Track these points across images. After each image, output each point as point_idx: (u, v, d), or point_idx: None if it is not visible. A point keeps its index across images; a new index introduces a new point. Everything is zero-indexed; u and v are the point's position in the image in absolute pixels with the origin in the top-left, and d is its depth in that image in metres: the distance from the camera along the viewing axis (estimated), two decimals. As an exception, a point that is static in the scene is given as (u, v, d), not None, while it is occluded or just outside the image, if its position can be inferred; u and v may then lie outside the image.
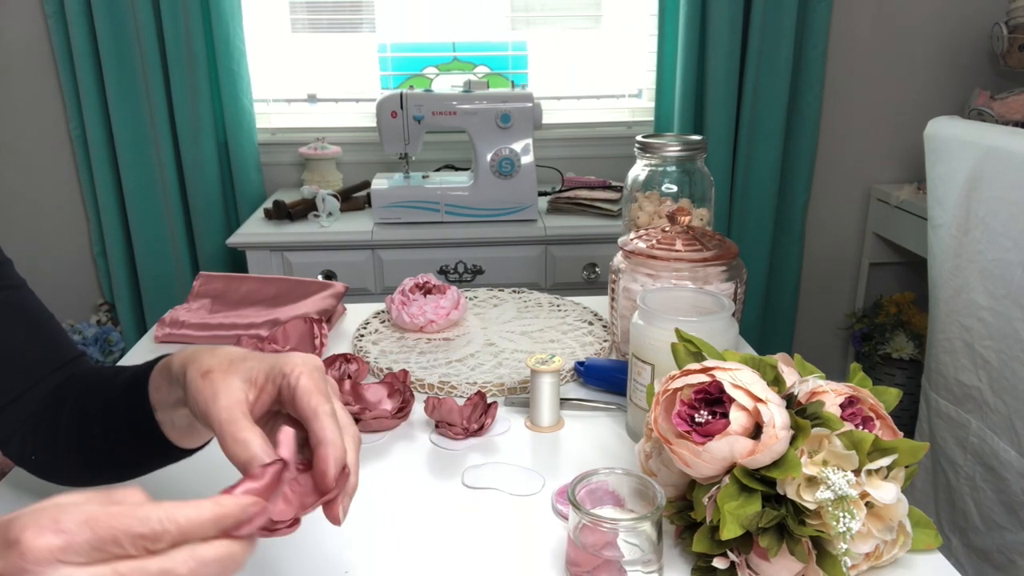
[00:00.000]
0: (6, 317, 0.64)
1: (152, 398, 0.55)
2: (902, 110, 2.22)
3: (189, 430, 0.56)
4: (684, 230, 0.90)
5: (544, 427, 0.83)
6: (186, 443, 0.58)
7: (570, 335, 1.07)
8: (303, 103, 2.23)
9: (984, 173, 1.22)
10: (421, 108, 1.77)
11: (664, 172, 1.06)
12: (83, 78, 1.96)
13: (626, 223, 1.11)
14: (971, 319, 1.27)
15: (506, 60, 2.21)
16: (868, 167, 2.27)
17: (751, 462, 0.55)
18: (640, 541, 0.56)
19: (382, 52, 2.17)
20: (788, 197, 2.19)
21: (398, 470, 0.76)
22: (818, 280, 2.37)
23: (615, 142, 2.21)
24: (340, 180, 2.12)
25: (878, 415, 0.61)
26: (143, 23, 1.91)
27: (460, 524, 0.67)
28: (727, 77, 2.03)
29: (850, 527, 0.52)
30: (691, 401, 0.59)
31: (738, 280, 0.88)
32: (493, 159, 1.80)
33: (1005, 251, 1.19)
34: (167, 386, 0.53)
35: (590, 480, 0.60)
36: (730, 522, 0.54)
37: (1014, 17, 1.95)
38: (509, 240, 1.79)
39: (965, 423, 1.32)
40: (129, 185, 2.05)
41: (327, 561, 0.62)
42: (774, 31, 2.01)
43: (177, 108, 2.00)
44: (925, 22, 2.16)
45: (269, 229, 1.82)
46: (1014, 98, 1.92)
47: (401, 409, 0.83)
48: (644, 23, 2.19)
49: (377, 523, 0.67)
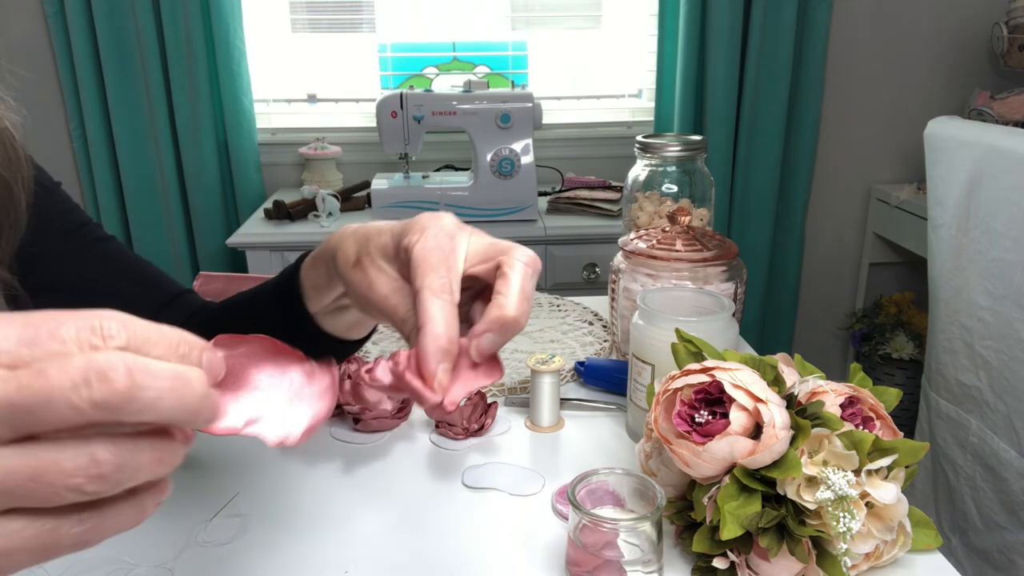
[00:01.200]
0: (102, 265, 0.66)
1: (309, 298, 0.54)
2: (902, 110, 2.22)
3: (358, 323, 0.55)
4: (684, 230, 0.90)
5: (544, 427, 0.83)
6: (356, 334, 0.57)
7: (570, 335, 1.07)
8: (303, 103, 2.23)
9: (984, 173, 1.22)
10: (421, 108, 1.77)
11: (664, 172, 1.06)
12: (83, 78, 1.96)
13: (626, 223, 1.11)
14: (971, 319, 1.27)
15: (506, 60, 2.21)
16: (868, 167, 2.27)
17: (751, 462, 0.55)
18: (640, 541, 0.56)
19: (382, 52, 2.17)
20: (788, 197, 2.19)
21: (398, 470, 0.76)
22: (818, 280, 2.37)
23: (615, 142, 2.21)
24: (340, 180, 2.12)
25: (878, 415, 0.61)
26: (143, 23, 1.91)
27: (460, 524, 0.67)
28: (727, 77, 2.03)
29: (850, 527, 0.52)
30: (691, 401, 0.59)
31: (738, 280, 0.88)
32: (493, 159, 1.80)
33: (1005, 251, 1.19)
34: (326, 284, 0.52)
35: (590, 480, 0.60)
36: (730, 522, 0.54)
37: (1014, 17, 1.95)
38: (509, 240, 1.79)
39: (965, 423, 1.32)
40: (129, 185, 2.05)
41: (327, 561, 0.62)
42: (774, 31, 2.01)
43: (177, 108, 2.00)
44: (925, 22, 2.16)
45: (269, 229, 1.82)
46: (1014, 98, 1.92)
47: (401, 409, 0.83)
48: (644, 23, 2.19)
49: (377, 523, 0.67)
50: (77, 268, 0.65)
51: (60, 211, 0.65)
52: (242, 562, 0.62)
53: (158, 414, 0.27)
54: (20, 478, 0.26)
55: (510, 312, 0.40)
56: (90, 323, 0.27)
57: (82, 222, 0.67)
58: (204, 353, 0.30)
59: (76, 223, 0.67)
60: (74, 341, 0.27)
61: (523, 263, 0.42)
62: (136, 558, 0.61)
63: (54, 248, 0.64)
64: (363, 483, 0.73)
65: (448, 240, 0.43)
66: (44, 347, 0.26)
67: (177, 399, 0.27)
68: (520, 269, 0.42)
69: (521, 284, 0.41)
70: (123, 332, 0.27)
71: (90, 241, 0.67)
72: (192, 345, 0.30)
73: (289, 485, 0.72)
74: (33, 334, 0.26)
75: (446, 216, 0.44)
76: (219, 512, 0.67)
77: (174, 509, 0.67)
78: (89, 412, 0.26)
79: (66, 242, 0.65)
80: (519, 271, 0.41)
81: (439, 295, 0.40)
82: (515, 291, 0.41)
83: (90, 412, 0.26)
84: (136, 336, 0.28)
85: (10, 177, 0.50)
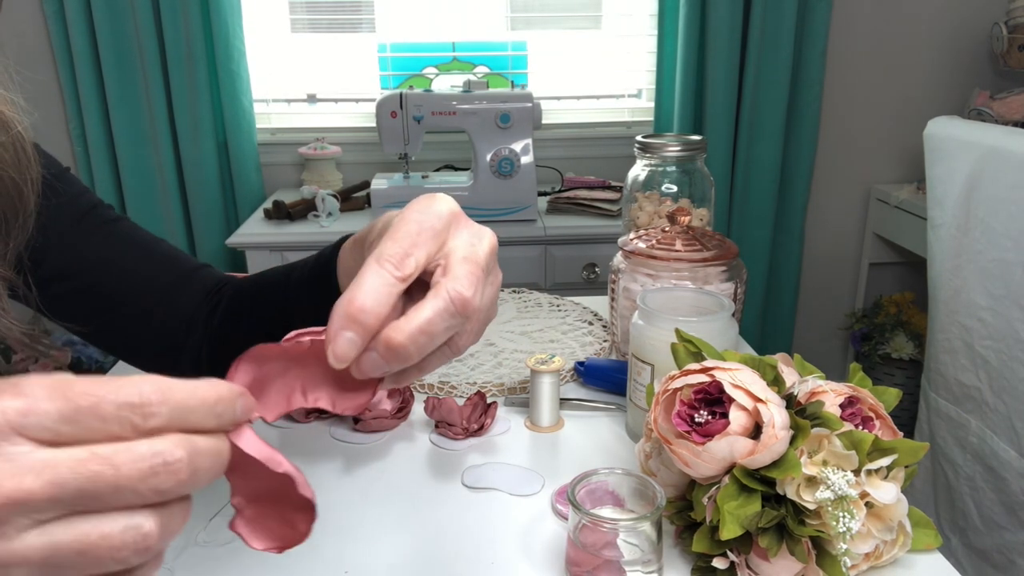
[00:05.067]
0: (116, 245, 0.67)
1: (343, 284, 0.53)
2: (902, 110, 2.22)
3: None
4: (684, 230, 0.90)
5: (544, 427, 0.83)
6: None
7: (570, 335, 1.07)
8: (303, 103, 2.23)
9: (984, 173, 1.22)
10: (421, 108, 1.77)
11: (664, 172, 1.06)
12: (83, 78, 1.96)
13: (626, 223, 1.11)
14: (971, 319, 1.27)
15: (506, 60, 2.21)
16: (868, 167, 2.27)
17: (751, 462, 0.55)
18: (640, 541, 0.56)
19: (382, 52, 2.17)
20: (788, 197, 2.19)
21: (398, 470, 0.76)
22: (818, 280, 2.37)
23: (615, 142, 2.21)
24: (340, 180, 2.12)
25: (878, 415, 0.61)
26: (143, 23, 1.91)
27: (460, 524, 0.67)
28: (727, 77, 2.03)
29: (850, 527, 0.52)
30: (691, 401, 0.59)
31: (738, 280, 0.88)
32: (493, 159, 1.80)
33: (1005, 251, 1.19)
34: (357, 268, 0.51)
35: (590, 480, 0.60)
36: (730, 522, 0.54)
37: (1014, 17, 1.95)
38: (509, 240, 1.79)
39: (965, 423, 1.32)
40: (129, 185, 2.05)
41: (327, 561, 0.62)
42: (774, 31, 2.01)
43: (177, 108, 2.00)
44: (925, 22, 2.16)
45: (269, 229, 1.82)
46: (1014, 98, 1.92)
47: (401, 409, 0.83)
48: (644, 23, 2.19)
49: (377, 523, 0.67)
50: (90, 250, 0.65)
51: (69, 196, 0.65)
52: (242, 562, 0.62)
53: (198, 487, 0.29)
54: (69, 553, 0.26)
55: (397, 337, 0.35)
56: (130, 400, 0.27)
57: (92, 204, 0.67)
58: (238, 401, 0.31)
59: (86, 206, 0.67)
60: (116, 420, 0.27)
61: (446, 297, 0.37)
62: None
63: (66, 233, 0.64)
64: (363, 483, 0.73)
65: (434, 219, 0.39)
66: (86, 425, 0.26)
67: (215, 472, 0.29)
68: (437, 304, 0.37)
69: (429, 318, 0.36)
70: (164, 409, 0.28)
71: (102, 222, 0.67)
72: (227, 403, 0.30)
73: (289, 485, 0.72)
74: (74, 410, 0.26)
75: (445, 199, 0.40)
76: (219, 512, 0.67)
77: (174, 509, 0.66)
78: (150, 497, 0.27)
79: (78, 225, 0.65)
80: (434, 306, 0.36)
81: (379, 262, 0.36)
82: (416, 322, 0.36)
83: (151, 497, 0.27)
84: (177, 408, 0.28)
85: (20, 179, 0.50)
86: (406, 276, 0.37)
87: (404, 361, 0.36)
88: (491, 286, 0.41)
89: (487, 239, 0.41)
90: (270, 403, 0.37)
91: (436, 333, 0.36)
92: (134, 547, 0.26)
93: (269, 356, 0.37)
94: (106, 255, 0.66)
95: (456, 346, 0.39)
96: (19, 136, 0.49)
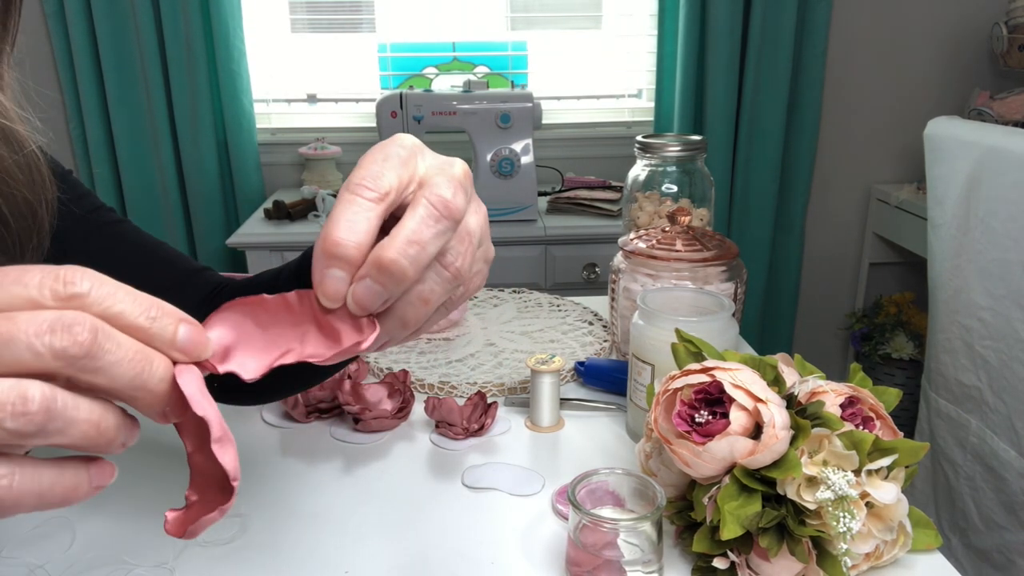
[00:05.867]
0: (118, 247, 0.67)
1: None
2: (902, 110, 2.22)
3: None
4: (684, 230, 0.90)
5: (544, 427, 0.83)
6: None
7: (570, 335, 1.07)
8: (303, 103, 2.23)
9: (984, 173, 1.22)
10: (421, 108, 1.77)
11: (664, 172, 1.06)
12: (83, 78, 1.96)
13: (626, 223, 1.11)
14: (971, 319, 1.27)
15: (506, 60, 2.21)
16: (868, 167, 2.27)
17: (751, 462, 0.55)
18: (640, 541, 0.56)
19: (382, 52, 2.18)
20: (788, 197, 2.19)
21: (398, 470, 0.76)
22: (818, 280, 2.37)
23: (615, 142, 2.21)
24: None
25: (878, 415, 0.61)
26: (143, 23, 1.91)
27: (460, 524, 0.67)
28: (727, 77, 2.03)
29: (850, 527, 0.52)
30: (691, 401, 0.59)
31: (738, 280, 0.88)
32: (493, 159, 1.80)
33: (1005, 251, 1.19)
34: None
35: (590, 480, 0.60)
36: (730, 522, 0.54)
37: (1014, 17, 1.95)
38: (509, 240, 1.79)
39: (965, 423, 1.32)
40: (129, 185, 2.05)
41: (327, 561, 0.62)
42: (774, 31, 2.01)
43: (177, 108, 2.00)
44: (925, 22, 2.16)
45: (269, 229, 1.82)
46: (1014, 98, 1.92)
47: (401, 409, 0.83)
48: (644, 23, 2.19)
49: (377, 523, 0.67)
50: (92, 252, 0.66)
51: (72, 198, 0.65)
52: (242, 562, 0.62)
53: (112, 380, 0.28)
54: None
55: (386, 253, 0.34)
56: (55, 270, 0.28)
57: (95, 206, 0.68)
58: (180, 325, 0.30)
59: (89, 207, 0.67)
60: (36, 286, 0.27)
61: (426, 203, 0.35)
62: (136, 558, 0.61)
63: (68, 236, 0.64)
64: (363, 483, 0.73)
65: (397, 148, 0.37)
66: (9, 290, 0.27)
67: (134, 371, 0.28)
68: (418, 211, 0.35)
69: (414, 227, 0.35)
70: (86, 282, 0.28)
71: (104, 224, 0.67)
72: (166, 312, 0.30)
73: (289, 485, 0.72)
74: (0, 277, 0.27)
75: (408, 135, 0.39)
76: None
77: (174, 509, 0.67)
78: (48, 359, 0.26)
79: (80, 227, 0.65)
80: (417, 214, 0.35)
81: (348, 190, 0.35)
82: (403, 233, 0.34)
83: (49, 359, 0.26)
84: (101, 288, 0.28)
85: (35, 200, 0.50)
86: (382, 195, 0.35)
87: (401, 279, 0.34)
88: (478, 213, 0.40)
89: (458, 163, 0.39)
90: (249, 358, 0.35)
91: (425, 241, 0.35)
92: (11, 408, 0.26)
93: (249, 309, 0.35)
94: (108, 258, 0.66)
95: (454, 269, 0.37)
96: (34, 155, 0.49)
